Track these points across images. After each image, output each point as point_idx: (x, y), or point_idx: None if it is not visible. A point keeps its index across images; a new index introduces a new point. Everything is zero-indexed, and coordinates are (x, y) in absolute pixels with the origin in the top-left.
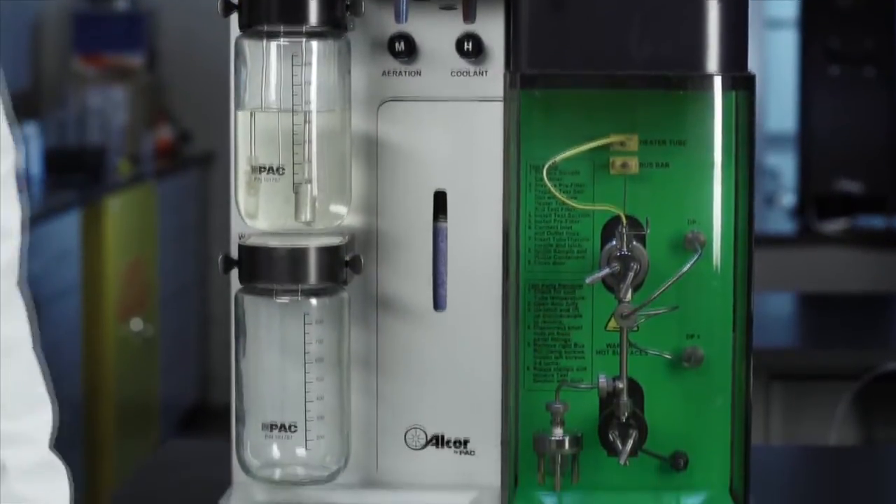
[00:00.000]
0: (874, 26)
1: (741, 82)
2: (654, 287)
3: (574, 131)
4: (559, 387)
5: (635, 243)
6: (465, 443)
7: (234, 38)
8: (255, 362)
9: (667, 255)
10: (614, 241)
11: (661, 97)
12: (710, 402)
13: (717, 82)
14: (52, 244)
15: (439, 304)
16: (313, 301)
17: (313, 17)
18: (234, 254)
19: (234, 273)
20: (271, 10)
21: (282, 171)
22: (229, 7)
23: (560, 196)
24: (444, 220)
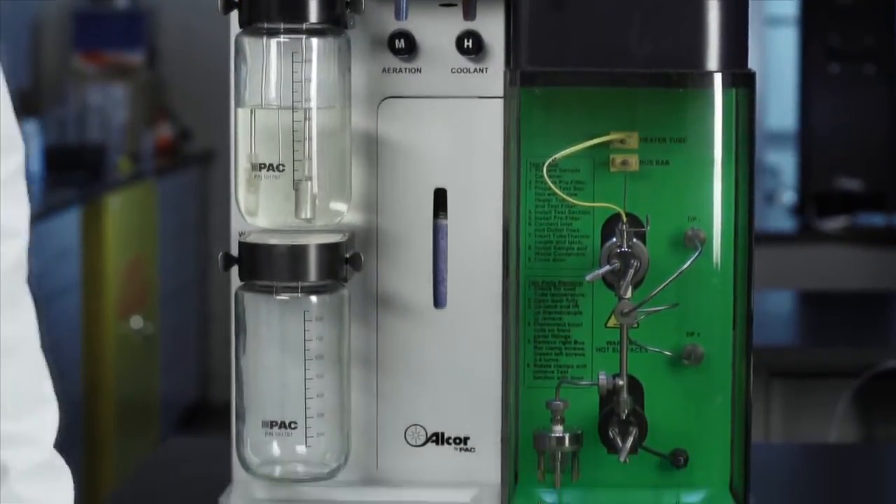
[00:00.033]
0: (874, 24)
1: (741, 80)
2: (654, 284)
3: (574, 129)
4: (559, 384)
5: (635, 240)
6: (465, 440)
7: (234, 36)
8: (255, 360)
9: (667, 253)
10: (614, 239)
11: (662, 94)
12: (711, 399)
13: (718, 80)
14: (52, 242)
15: (439, 301)
16: (313, 298)
17: (313, 15)
18: (234, 251)
19: (234, 270)
20: (271, 8)
21: (282, 168)
22: (229, 4)
23: (560, 193)
24: (445, 217)
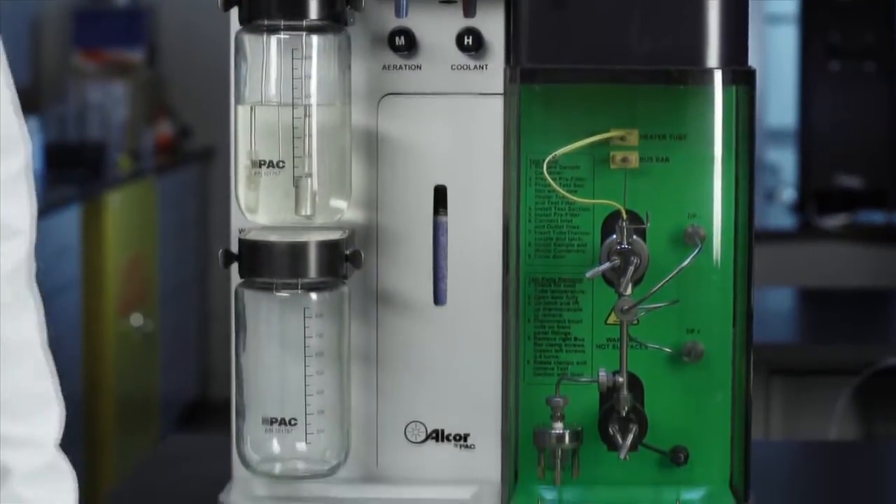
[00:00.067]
0: (874, 21)
1: (741, 77)
2: (654, 281)
3: (574, 126)
4: (559, 381)
5: (635, 237)
6: (466, 437)
7: (234, 33)
8: (255, 357)
9: (667, 250)
10: (614, 236)
11: (662, 92)
12: (711, 396)
13: (718, 77)
14: (52, 239)
15: (439, 298)
16: (313, 295)
17: (313, 12)
18: (234, 248)
19: (235, 268)
20: (271, 5)
21: (282, 165)
22: (229, 1)
23: (560, 190)
24: (445, 214)
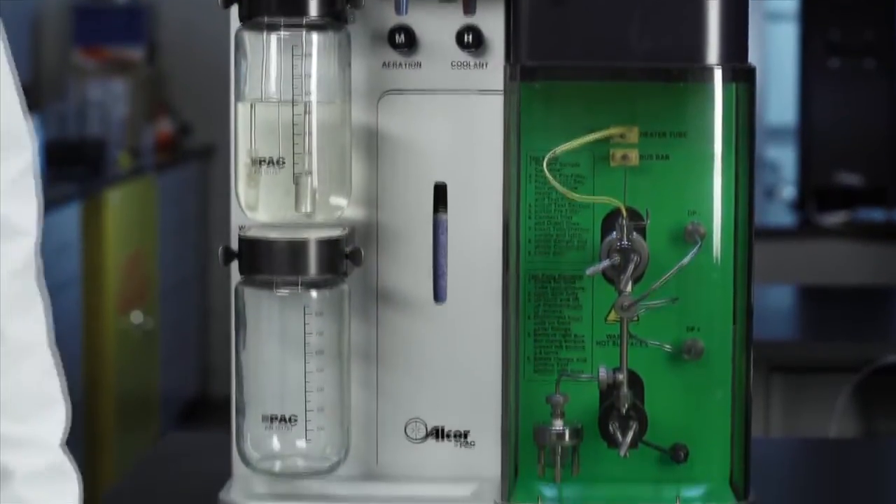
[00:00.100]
0: (874, 18)
1: (741, 74)
2: (654, 279)
3: (574, 123)
4: (559, 378)
5: (635, 235)
6: (466, 435)
7: (234, 30)
8: (255, 354)
9: (667, 247)
10: (614, 233)
11: (662, 89)
12: (711, 394)
13: (718, 74)
14: (51, 237)
15: (439, 295)
16: (313, 293)
17: (314, 9)
18: (234, 246)
19: (235, 265)
20: (272, 3)
21: (282, 162)
22: None
23: (560, 188)
24: (445, 211)
